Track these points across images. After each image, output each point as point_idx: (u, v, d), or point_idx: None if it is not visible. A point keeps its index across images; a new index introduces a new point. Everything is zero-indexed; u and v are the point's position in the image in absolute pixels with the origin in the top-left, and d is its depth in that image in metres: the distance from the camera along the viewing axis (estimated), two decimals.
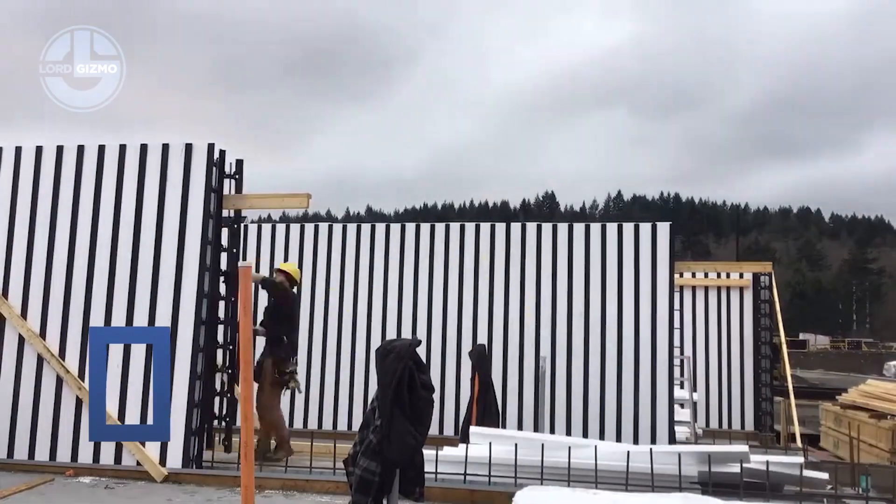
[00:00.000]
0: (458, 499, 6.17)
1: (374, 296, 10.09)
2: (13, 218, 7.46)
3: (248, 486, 3.74)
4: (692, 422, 10.15)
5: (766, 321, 12.45)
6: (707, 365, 12.48)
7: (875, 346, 70.26)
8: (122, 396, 6.96)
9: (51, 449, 7.04)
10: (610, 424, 8.96)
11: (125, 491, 6.35)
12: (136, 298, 7.14)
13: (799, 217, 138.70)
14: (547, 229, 9.62)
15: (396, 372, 3.98)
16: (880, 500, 6.42)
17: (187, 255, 7.10)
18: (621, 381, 9.00)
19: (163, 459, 6.79)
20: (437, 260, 9.90)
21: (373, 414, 4.09)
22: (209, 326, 7.18)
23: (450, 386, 9.57)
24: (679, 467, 6.27)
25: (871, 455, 10.08)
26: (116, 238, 7.25)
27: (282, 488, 6.45)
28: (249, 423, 3.83)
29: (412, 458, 4.10)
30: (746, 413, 12.33)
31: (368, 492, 3.96)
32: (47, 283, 7.30)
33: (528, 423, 9.15)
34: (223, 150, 7.34)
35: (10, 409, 7.15)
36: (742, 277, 12.67)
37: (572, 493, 5.31)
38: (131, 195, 7.28)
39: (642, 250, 9.23)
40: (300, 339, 10.21)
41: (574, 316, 9.29)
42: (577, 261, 9.38)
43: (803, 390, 20.95)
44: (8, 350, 7.29)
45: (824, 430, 13.15)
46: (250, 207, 7.63)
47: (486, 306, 9.64)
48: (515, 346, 9.44)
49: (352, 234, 10.32)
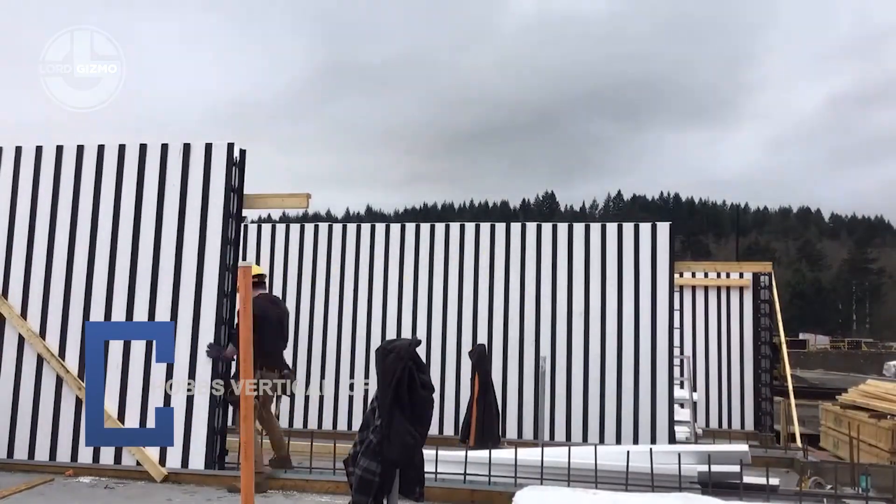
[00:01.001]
0: (458, 499, 6.17)
1: (373, 296, 10.10)
2: (13, 218, 7.46)
3: (248, 485, 3.74)
4: (692, 422, 10.15)
5: (766, 321, 12.45)
6: (707, 365, 12.47)
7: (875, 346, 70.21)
8: (121, 397, 6.97)
9: (51, 449, 7.03)
10: (610, 424, 8.97)
11: (125, 491, 6.35)
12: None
13: (799, 217, 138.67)
14: (547, 229, 9.63)
15: (396, 372, 3.98)
16: (880, 500, 6.42)
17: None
18: (621, 381, 9.01)
19: (162, 459, 6.79)
20: (437, 260, 9.91)
21: (373, 414, 4.09)
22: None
23: (450, 386, 9.57)
24: (679, 467, 6.27)
25: (871, 455, 10.06)
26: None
27: (282, 488, 6.45)
28: (249, 423, 3.83)
29: (412, 457, 4.10)
30: (746, 413, 12.32)
31: (368, 492, 3.96)
32: (47, 283, 7.29)
33: (528, 423, 9.17)
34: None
35: (10, 409, 7.15)
36: (742, 277, 12.66)
37: (572, 493, 5.31)
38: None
39: (642, 250, 9.24)
40: (300, 340, 10.27)
41: (574, 316, 9.30)
42: (577, 261, 9.39)
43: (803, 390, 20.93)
44: (8, 350, 7.28)
45: (824, 430, 13.13)
46: (250, 207, 7.62)
47: (486, 306, 9.64)
48: (515, 346, 9.45)
49: (352, 234, 10.32)
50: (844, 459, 9.64)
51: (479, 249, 9.78)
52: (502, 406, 8.88)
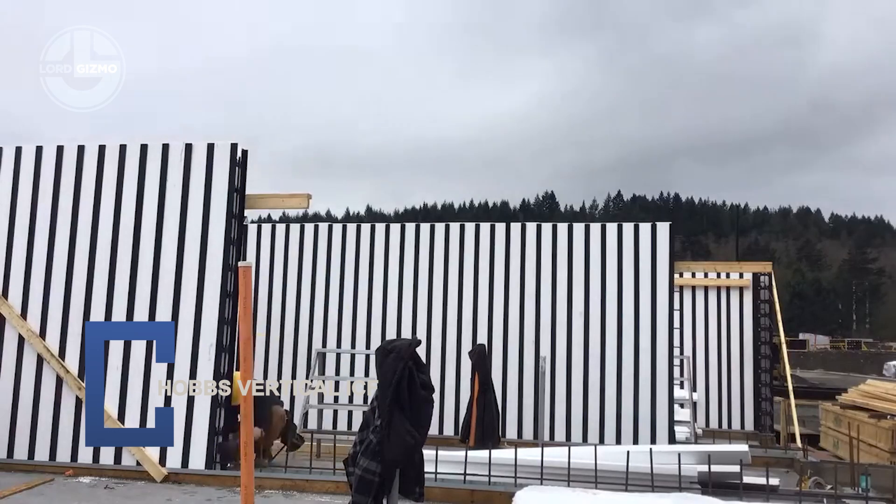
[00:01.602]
0: (458, 499, 6.16)
1: (373, 296, 10.10)
2: (13, 218, 7.46)
3: (247, 486, 3.74)
4: (692, 422, 10.15)
5: (765, 321, 12.45)
6: (707, 365, 12.48)
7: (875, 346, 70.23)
8: (122, 397, 6.97)
9: (51, 449, 7.04)
10: (610, 424, 8.97)
11: (125, 491, 6.35)
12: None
13: (799, 217, 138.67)
14: (547, 229, 9.64)
15: (396, 372, 3.98)
16: (880, 500, 6.41)
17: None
18: (621, 381, 9.01)
19: (162, 459, 6.79)
20: (437, 260, 9.91)
21: (373, 414, 4.10)
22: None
23: (450, 386, 9.57)
24: (679, 467, 6.27)
25: (871, 455, 10.06)
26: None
27: (282, 488, 6.44)
28: (249, 423, 3.83)
29: (412, 457, 4.10)
30: (746, 413, 12.33)
31: (368, 492, 3.96)
32: (47, 283, 7.30)
33: (528, 423, 9.17)
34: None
35: (10, 409, 7.15)
36: (742, 277, 12.66)
37: (572, 493, 5.31)
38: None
39: (642, 250, 9.24)
40: (300, 340, 10.29)
41: (574, 316, 9.30)
42: (577, 261, 9.40)
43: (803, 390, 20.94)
44: (8, 350, 7.29)
45: (824, 430, 13.12)
46: (251, 207, 7.63)
47: (486, 306, 9.64)
48: (515, 346, 9.45)
49: (352, 234, 10.33)
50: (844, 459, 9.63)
51: (479, 249, 9.79)
52: (502, 406, 8.88)
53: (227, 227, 7.12)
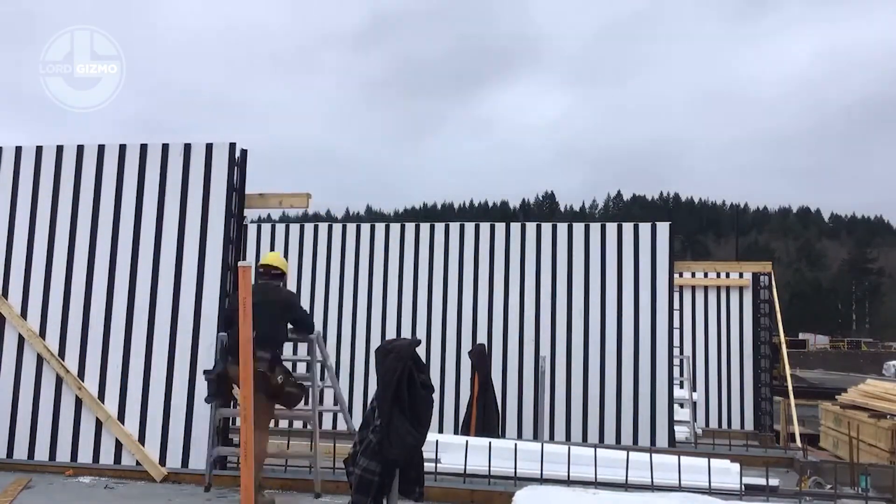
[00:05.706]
0: (458, 499, 6.17)
1: (373, 296, 10.10)
2: (13, 218, 7.46)
3: (247, 486, 3.74)
4: (692, 421, 10.17)
5: (765, 321, 12.46)
6: (707, 365, 12.49)
7: (875, 345, 70.34)
8: (122, 397, 6.97)
9: (51, 449, 7.04)
10: (610, 424, 8.97)
11: (125, 491, 6.35)
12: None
13: (798, 217, 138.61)
14: (547, 229, 9.63)
15: (396, 371, 3.98)
16: (880, 499, 6.42)
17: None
18: (621, 381, 9.01)
19: (162, 459, 6.79)
20: (437, 260, 9.91)
21: (373, 414, 4.10)
22: None
23: (450, 386, 9.57)
24: (679, 468, 6.27)
25: (871, 455, 10.07)
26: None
27: (282, 488, 6.44)
28: (249, 423, 3.84)
29: (412, 457, 4.10)
30: (746, 413, 12.34)
31: (368, 492, 3.97)
32: (47, 283, 7.30)
33: (528, 422, 9.16)
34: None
35: (10, 409, 7.15)
36: (742, 277, 12.68)
37: (572, 493, 5.30)
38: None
39: (642, 250, 9.24)
40: None
41: (574, 316, 9.30)
42: (576, 261, 9.39)
43: (803, 390, 20.97)
44: (8, 350, 7.28)
45: (824, 429, 13.14)
46: (250, 207, 7.63)
47: (486, 306, 9.64)
48: (515, 346, 9.45)
49: (352, 234, 10.33)
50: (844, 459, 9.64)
51: (479, 249, 9.78)
52: (502, 406, 8.87)
53: (226, 226, 7.12)
